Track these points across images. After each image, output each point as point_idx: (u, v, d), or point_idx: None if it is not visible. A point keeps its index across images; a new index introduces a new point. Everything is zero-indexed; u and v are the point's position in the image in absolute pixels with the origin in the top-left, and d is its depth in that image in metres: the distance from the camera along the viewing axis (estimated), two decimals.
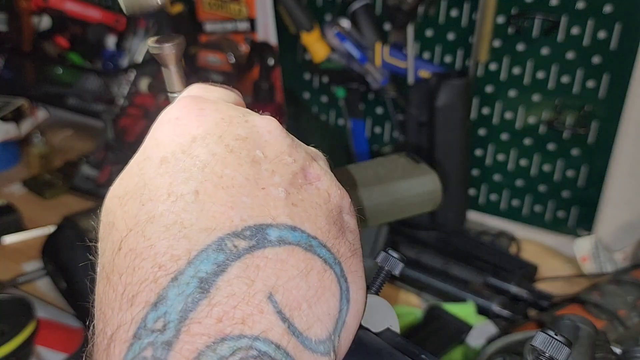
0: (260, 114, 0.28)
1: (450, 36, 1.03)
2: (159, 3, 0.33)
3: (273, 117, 0.28)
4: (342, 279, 0.26)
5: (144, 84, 1.25)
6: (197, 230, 0.23)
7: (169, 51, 0.32)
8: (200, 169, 0.24)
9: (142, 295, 0.22)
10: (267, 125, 0.27)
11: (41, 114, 1.34)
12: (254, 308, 0.22)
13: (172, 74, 0.33)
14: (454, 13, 1.01)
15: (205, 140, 0.25)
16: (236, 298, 0.22)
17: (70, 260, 0.86)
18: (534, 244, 1.07)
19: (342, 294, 0.26)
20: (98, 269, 0.25)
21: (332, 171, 0.29)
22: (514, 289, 0.90)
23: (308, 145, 0.30)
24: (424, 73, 1.03)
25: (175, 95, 0.34)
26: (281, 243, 0.24)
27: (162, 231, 0.23)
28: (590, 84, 0.93)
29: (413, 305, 0.92)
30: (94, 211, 0.28)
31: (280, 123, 0.28)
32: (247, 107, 0.29)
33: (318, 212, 0.26)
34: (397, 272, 0.33)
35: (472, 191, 1.11)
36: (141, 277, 0.22)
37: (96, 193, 1.17)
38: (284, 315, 0.23)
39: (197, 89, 0.30)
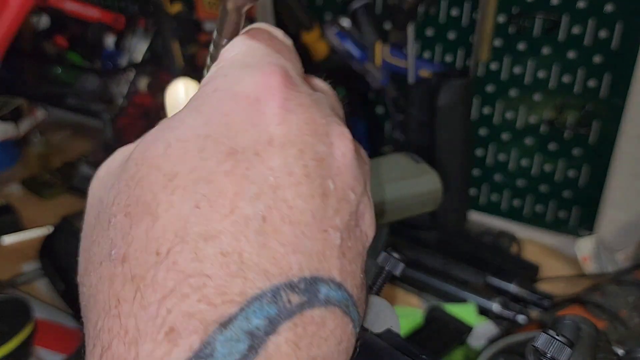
0: (338, 126, 0.23)
1: (451, 35, 1.02)
2: None
3: (349, 131, 0.23)
4: (354, 337, 0.22)
5: (143, 83, 1.24)
6: (256, 271, 0.19)
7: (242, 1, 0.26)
8: (273, 188, 0.20)
9: (184, 337, 0.18)
10: (343, 147, 0.22)
11: (40, 113, 1.34)
12: None
13: (231, 20, 0.27)
14: (454, 12, 1.01)
15: (285, 149, 0.20)
16: None
17: (69, 260, 0.86)
18: (535, 244, 1.06)
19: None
20: (113, 252, 0.20)
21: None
22: (515, 289, 0.90)
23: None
24: (425, 72, 1.03)
25: (223, 42, 0.27)
26: (327, 303, 0.20)
27: (219, 259, 0.18)
28: (591, 83, 0.93)
29: (413, 306, 0.92)
30: None
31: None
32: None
33: (358, 262, 0.22)
34: (397, 272, 0.33)
35: (473, 191, 1.11)
36: (186, 312, 0.18)
37: None
38: None
39: (269, 38, 0.24)
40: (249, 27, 0.26)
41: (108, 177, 0.22)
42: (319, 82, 0.26)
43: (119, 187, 0.20)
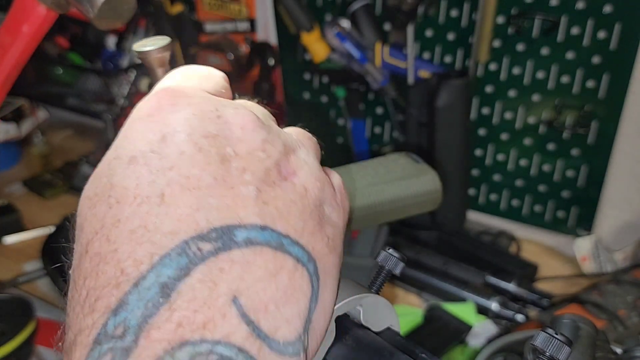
0: (241, 99, 0.28)
1: (450, 36, 1.03)
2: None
3: (257, 104, 0.27)
4: (315, 277, 0.25)
5: (144, 84, 1.25)
6: (161, 234, 0.22)
7: (157, 54, 0.31)
8: (168, 169, 0.24)
9: (103, 301, 0.22)
10: (240, 121, 0.26)
11: (41, 114, 1.34)
12: (216, 312, 0.22)
13: (159, 77, 0.32)
14: (454, 13, 1.01)
15: (174, 138, 0.24)
16: (197, 302, 0.21)
17: (70, 261, 0.86)
18: (534, 243, 1.07)
19: (313, 294, 0.25)
20: (69, 271, 0.25)
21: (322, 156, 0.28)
22: (514, 288, 0.90)
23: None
24: (424, 73, 1.03)
25: None
26: (248, 244, 0.23)
27: (127, 235, 0.22)
28: (590, 84, 0.93)
29: (413, 305, 0.92)
30: None
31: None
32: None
33: (292, 208, 0.25)
34: (397, 271, 0.33)
35: (472, 191, 1.11)
36: (104, 282, 0.22)
37: None
38: (249, 318, 0.22)
39: (176, 75, 0.29)
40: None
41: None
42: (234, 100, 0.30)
43: (76, 227, 0.26)
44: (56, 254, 0.91)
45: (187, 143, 0.24)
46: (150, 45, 0.32)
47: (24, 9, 0.49)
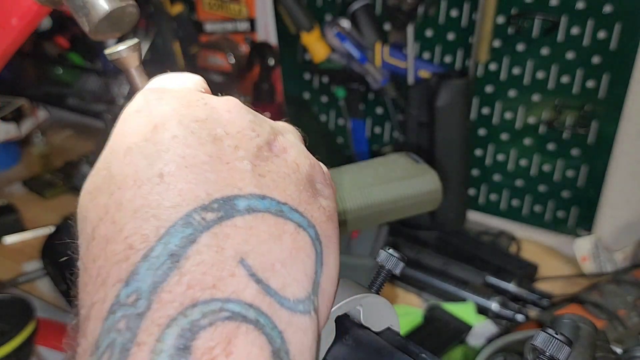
0: (220, 96, 0.29)
1: (450, 36, 1.03)
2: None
3: (233, 96, 0.28)
4: (317, 241, 0.26)
5: (144, 84, 1.25)
6: (164, 208, 0.23)
7: (127, 54, 0.33)
8: (163, 152, 0.25)
9: (114, 275, 0.22)
10: (225, 105, 0.27)
11: (41, 114, 1.34)
12: (224, 272, 0.22)
13: (134, 77, 0.34)
14: (454, 13, 1.01)
15: (165, 126, 0.25)
16: (206, 265, 0.22)
17: (70, 260, 0.86)
18: (534, 243, 1.07)
19: (317, 257, 0.26)
20: (78, 263, 0.26)
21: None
22: (514, 288, 0.90)
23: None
24: (424, 73, 1.03)
25: None
26: (250, 211, 0.24)
27: (131, 215, 0.23)
28: (590, 84, 0.93)
29: (413, 305, 0.92)
30: None
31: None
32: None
33: (287, 180, 0.26)
34: (397, 271, 0.33)
35: (472, 191, 1.11)
36: (113, 259, 0.23)
37: None
38: (257, 276, 0.23)
39: (158, 80, 0.30)
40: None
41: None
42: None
43: (78, 222, 0.27)
44: (56, 254, 0.91)
45: (178, 128, 0.25)
46: (121, 46, 0.33)
47: (15, 1, 0.49)
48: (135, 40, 0.33)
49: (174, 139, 0.25)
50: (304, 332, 0.24)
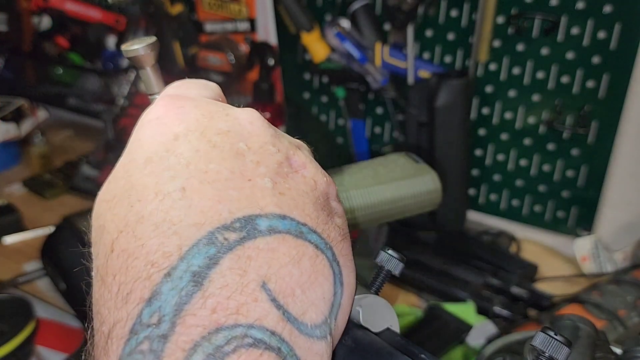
0: (241, 107, 0.28)
1: (450, 36, 1.03)
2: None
3: (254, 108, 0.28)
4: (335, 262, 0.26)
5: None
6: (186, 226, 0.23)
7: (144, 52, 0.32)
8: (185, 166, 0.24)
9: (136, 293, 0.22)
10: (248, 117, 0.27)
11: (41, 114, 1.34)
12: (247, 297, 0.22)
13: (149, 75, 0.33)
14: (453, 13, 1.01)
15: (188, 137, 0.25)
16: (229, 289, 0.22)
17: (70, 260, 0.86)
18: (534, 243, 1.07)
19: (336, 278, 0.26)
20: (93, 273, 0.25)
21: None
22: (513, 288, 0.90)
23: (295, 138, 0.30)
24: (424, 73, 1.03)
25: (154, 96, 0.34)
26: (271, 232, 0.24)
27: (152, 230, 0.23)
28: (590, 84, 0.93)
29: (413, 305, 0.92)
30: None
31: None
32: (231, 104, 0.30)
33: (305, 199, 0.26)
34: (397, 272, 0.33)
35: (472, 191, 1.11)
36: (134, 276, 0.22)
37: (96, 193, 1.17)
38: (278, 302, 0.23)
39: (175, 87, 0.30)
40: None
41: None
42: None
43: (93, 230, 0.26)
44: (56, 254, 0.91)
45: (200, 141, 0.25)
46: (138, 44, 0.32)
47: None
48: (153, 39, 0.33)
49: (197, 153, 0.25)
50: (320, 357, 0.24)
